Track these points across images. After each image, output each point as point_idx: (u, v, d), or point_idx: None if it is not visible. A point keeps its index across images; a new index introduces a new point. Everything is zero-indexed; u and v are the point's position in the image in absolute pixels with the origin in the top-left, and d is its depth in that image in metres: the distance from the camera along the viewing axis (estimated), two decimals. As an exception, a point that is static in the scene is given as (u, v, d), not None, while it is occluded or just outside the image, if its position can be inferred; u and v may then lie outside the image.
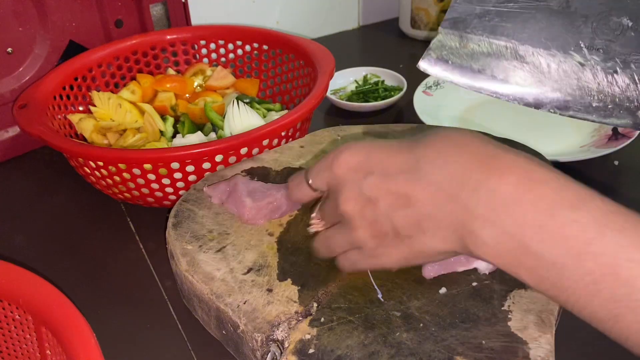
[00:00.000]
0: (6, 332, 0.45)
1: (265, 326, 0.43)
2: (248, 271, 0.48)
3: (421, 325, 0.43)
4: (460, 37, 0.48)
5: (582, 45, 0.47)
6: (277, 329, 0.43)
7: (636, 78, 0.47)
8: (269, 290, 0.46)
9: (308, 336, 0.42)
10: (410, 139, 0.41)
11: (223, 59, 0.87)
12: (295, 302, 0.45)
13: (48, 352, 0.42)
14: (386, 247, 0.41)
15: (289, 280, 0.47)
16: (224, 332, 0.47)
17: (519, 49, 0.48)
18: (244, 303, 0.45)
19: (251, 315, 0.44)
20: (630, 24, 0.46)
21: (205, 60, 0.87)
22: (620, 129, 0.69)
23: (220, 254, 0.50)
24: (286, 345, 0.42)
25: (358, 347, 0.41)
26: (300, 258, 0.49)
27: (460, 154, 0.38)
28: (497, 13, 0.47)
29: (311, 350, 0.41)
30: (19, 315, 0.43)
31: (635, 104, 0.48)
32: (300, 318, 0.44)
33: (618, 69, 0.47)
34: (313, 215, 0.47)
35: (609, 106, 0.49)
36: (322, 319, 0.43)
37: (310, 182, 0.45)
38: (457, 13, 0.47)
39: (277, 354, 0.42)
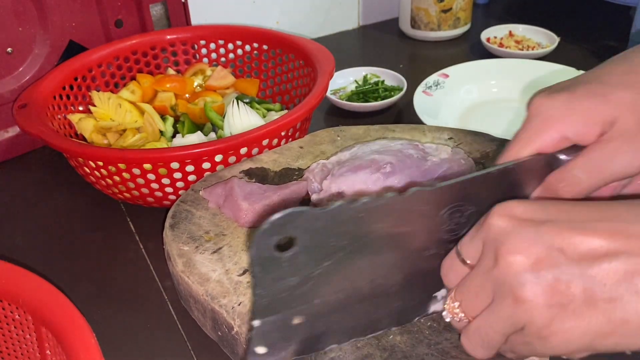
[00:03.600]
0: (6, 332, 0.45)
1: None
2: (244, 272, 0.48)
3: (415, 328, 0.42)
4: (284, 317, 0.38)
5: (431, 250, 0.39)
6: None
7: None
8: None
9: None
10: None
11: (223, 59, 0.87)
12: None
13: (48, 352, 0.42)
14: (566, 321, 0.31)
15: None
16: (219, 333, 0.47)
17: (364, 291, 0.40)
18: (239, 304, 0.45)
19: (246, 316, 0.44)
20: (474, 209, 0.39)
21: (205, 60, 0.87)
22: None
23: (216, 255, 0.50)
24: None
25: (351, 349, 0.41)
26: None
27: None
28: (322, 272, 0.36)
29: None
30: (19, 315, 0.43)
31: None
32: None
33: None
34: (449, 298, 0.37)
35: None
36: None
37: (461, 254, 0.36)
38: (268, 299, 0.36)
39: None
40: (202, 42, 0.86)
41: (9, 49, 0.77)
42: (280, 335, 0.38)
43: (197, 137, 0.71)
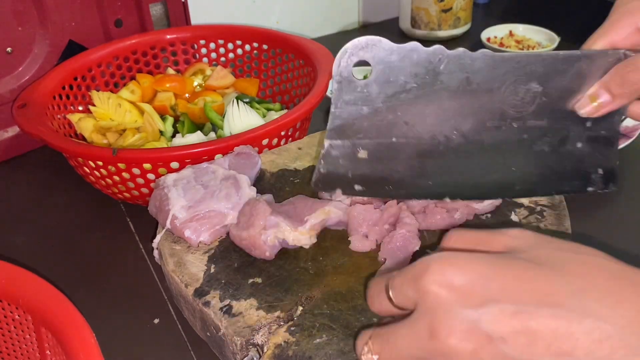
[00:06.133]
0: (6, 332, 0.45)
1: (245, 330, 0.42)
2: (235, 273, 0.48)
3: None
4: (352, 145, 0.41)
5: (493, 122, 0.42)
6: (257, 333, 0.42)
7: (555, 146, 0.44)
8: (252, 294, 0.46)
9: (287, 341, 0.42)
10: (530, 253, 0.32)
11: (223, 59, 0.87)
12: (277, 306, 0.44)
13: (48, 352, 0.42)
14: None
15: (273, 284, 0.46)
16: (208, 333, 0.47)
17: (423, 144, 0.42)
18: (227, 306, 0.45)
19: (232, 318, 0.44)
20: (539, 89, 0.41)
21: (205, 60, 0.87)
22: (621, 129, 0.69)
23: (207, 255, 0.50)
24: (265, 349, 0.41)
25: (336, 354, 0.40)
26: (286, 262, 0.48)
27: (636, 293, 0.29)
28: (389, 109, 0.39)
29: (289, 356, 0.41)
30: (19, 315, 0.43)
31: (566, 169, 0.45)
32: (282, 323, 0.43)
33: (538, 138, 0.43)
34: (365, 346, 0.35)
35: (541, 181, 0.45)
36: (303, 325, 0.43)
37: (391, 295, 0.34)
38: (341, 119, 0.39)
39: (255, 358, 0.42)
40: (202, 42, 0.86)
41: (8, 49, 0.77)
42: (346, 164, 0.41)
43: (197, 137, 0.71)
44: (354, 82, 0.38)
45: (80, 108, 0.78)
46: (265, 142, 0.63)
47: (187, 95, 0.81)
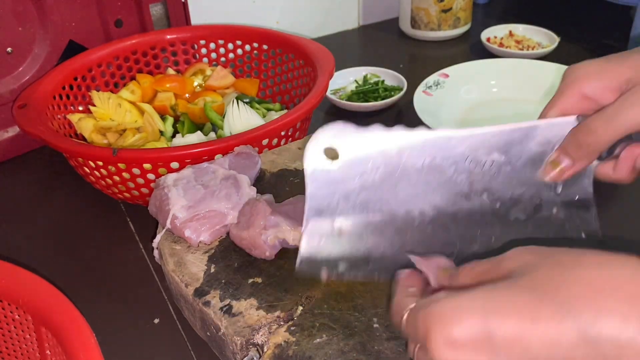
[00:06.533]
0: (6, 332, 0.45)
1: (245, 330, 0.43)
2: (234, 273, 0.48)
3: (402, 334, 0.42)
4: (331, 224, 0.42)
5: (463, 193, 0.43)
6: (257, 333, 0.42)
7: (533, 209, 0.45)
8: (253, 294, 0.46)
9: (287, 341, 0.42)
10: (530, 276, 0.31)
11: (223, 59, 0.87)
12: (277, 306, 0.44)
13: (48, 352, 0.42)
14: None
15: (273, 283, 0.46)
16: (208, 333, 0.47)
17: (399, 219, 0.43)
18: (227, 306, 0.45)
19: (232, 318, 0.44)
20: (502, 158, 0.43)
21: (205, 60, 0.87)
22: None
23: (207, 255, 0.50)
24: (265, 349, 0.41)
25: (336, 354, 0.40)
26: (286, 262, 0.48)
27: None
28: (362, 188, 0.41)
29: (289, 356, 0.41)
30: (19, 315, 0.43)
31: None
32: (282, 323, 0.43)
33: (511, 207, 0.45)
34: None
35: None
36: (303, 325, 0.43)
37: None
38: (317, 201, 0.41)
39: (255, 358, 0.42)
40: (202, 42, 0.86)
41: (9, 49, 0.77)
42: (327, 244, 0.43)
43: (197, 137, 0.71)
44: (326, 167, 0.40)
45: (80, 108, 0.78)
46: (265, 142, 0.63)
47: (187, 95, 0.81)
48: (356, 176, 0.41)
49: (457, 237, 0.44)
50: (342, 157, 0.40)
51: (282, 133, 0.65)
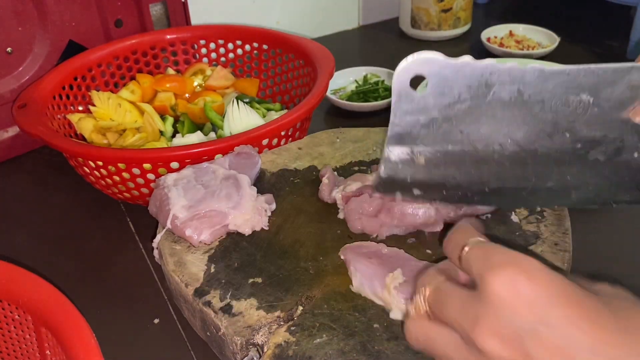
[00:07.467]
0: (6, 332, 0.45)
1: (245, 330, 0.43)
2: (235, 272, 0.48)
3: (403, 334, 0.42)
4: (410, 152, 0.43)
5: (546, 132, 0.43)
6: (258, 333, 0.42)
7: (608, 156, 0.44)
8: (253, 294, 0.46)
9: (287, 341, 0.42)
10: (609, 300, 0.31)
11: (223, 59, 0.87)
12: (277, 306, 0.44)
13: (48, 352, 0.42)
14: None
15: (273, 283, 0.46)
16: (208, 333, 0.47)
17: (479, 152, 0.43)
18: (227, 306, 0.45)
19: (232, 318, 0.44)
20: (590, 99, 0.42)
21: (205, 60, 0.87)
22: None
23: (207, 255, 0.50)
24: (265, 349, 0.41)
25: (336, 354, 0.40)
26: (287, 262, 0.48)
27: None
28: (444, 119, 0.42)
29: (289, 356, 0.41)
30: (19, 315, 0.43)
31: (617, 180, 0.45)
32: (282, 323, 0.43)
33: (591, 148, 0.44)
34: (422, 289, 0.36)
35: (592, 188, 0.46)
36: (303, 325, 0.43)
37: (462, 255, 0.35)
38: (400, 128, 0.42)
39: (255, 358, 0.42)
40: (202, 42, 0.86)
41: (9, 49, 0.77)
42: (404, 170, 0.43)
43: (197, 137, 0.71)
44: (411, 95, 0.40)
45: (80, 108, 0.78)
46: (265, 142, 0.63)
47: (187, 95, 0.81)
48: (441, 106, 0.41)
49: (533, 174, 0.45)
50: (429, 86, 0.40)
51: (282, 133, 0.65)
